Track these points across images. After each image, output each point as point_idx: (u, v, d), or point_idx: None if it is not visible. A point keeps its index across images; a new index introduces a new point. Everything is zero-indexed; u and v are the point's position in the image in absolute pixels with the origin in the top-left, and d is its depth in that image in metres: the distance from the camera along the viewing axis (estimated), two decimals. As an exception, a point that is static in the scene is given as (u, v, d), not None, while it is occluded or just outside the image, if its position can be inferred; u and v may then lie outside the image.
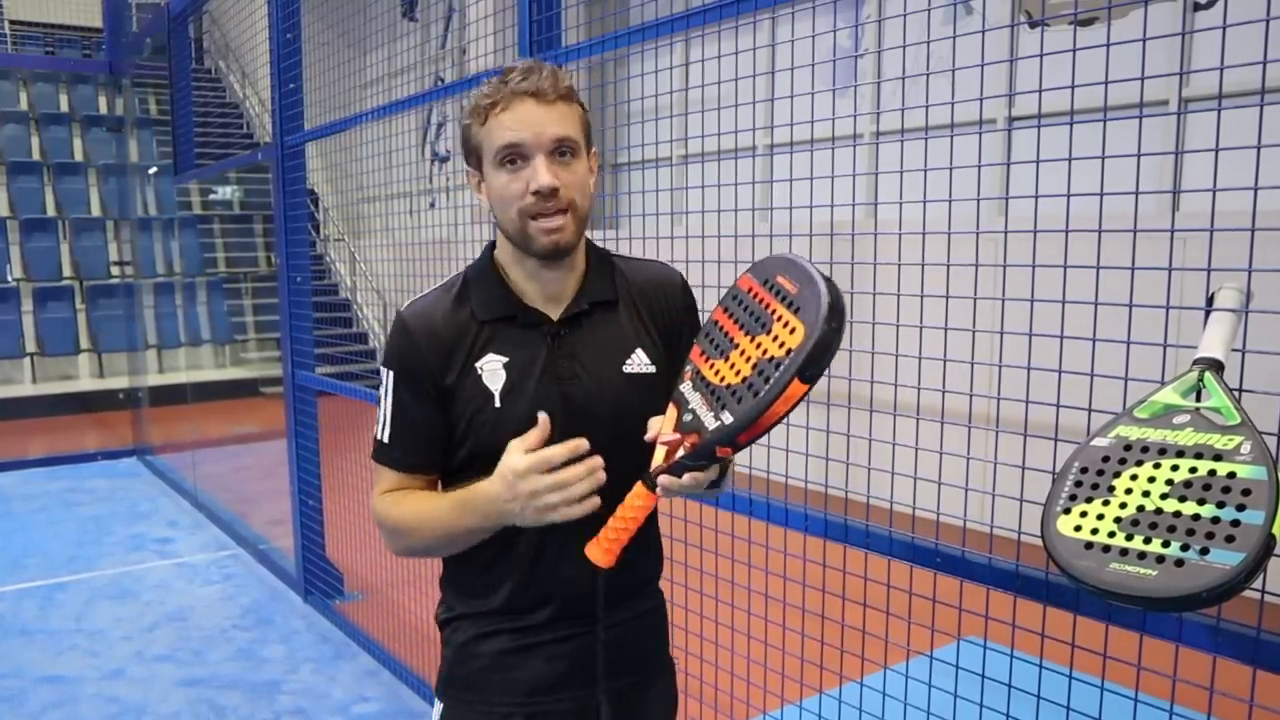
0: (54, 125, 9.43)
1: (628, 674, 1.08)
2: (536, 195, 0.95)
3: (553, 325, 1.03)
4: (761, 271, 0.93)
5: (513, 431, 0.98)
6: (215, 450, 5.49)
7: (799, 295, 0.86)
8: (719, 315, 0.94)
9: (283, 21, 3.24)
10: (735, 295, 0.94)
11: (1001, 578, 1.23)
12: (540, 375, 1.01)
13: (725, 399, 0.87)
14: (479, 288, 1.04)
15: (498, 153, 0.96)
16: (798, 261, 0.89)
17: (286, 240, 3.38)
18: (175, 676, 2.85)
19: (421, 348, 1.01)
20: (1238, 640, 1.01)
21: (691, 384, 0.92)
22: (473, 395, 1.00)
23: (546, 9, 1.99)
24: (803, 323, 0.84)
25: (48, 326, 7.95)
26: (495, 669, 1.05)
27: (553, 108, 0.96)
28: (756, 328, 0.88)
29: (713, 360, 0.91)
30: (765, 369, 0.85)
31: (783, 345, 0.84)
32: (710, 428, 0.87)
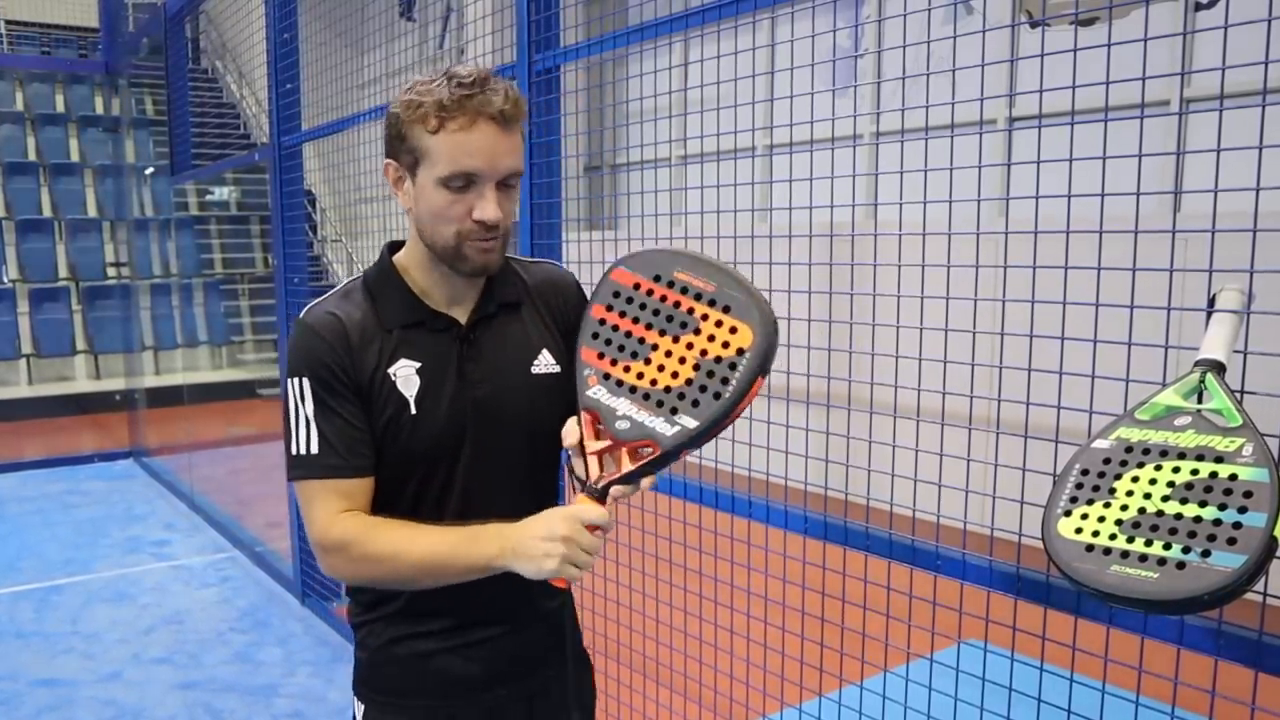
0: (50, 125, 9.40)
1: (541, 671, 1.09)
2: (479, 224, 0.94)
3: (462, 329, 1.02)
4: (649, 267, 0.92)
5: (428, 438, 0.98)
6: (212, 452, 5.47)
7: (720, 293, 0.88)
8: (604, 314, 0.93)
9: (280, 21, 3.23)
10: (619, 293, 0.93)
11: (1002, 580, 1.22)
12: (454, 380, 1.00)
13: (671, 402, 0.88)
14: (383, 294, 1.01)
15: (449, 175, 0.92)
16: (696, 256, 0.90)
17: (284, 241, 3.37)
18: (172, 679, 2.84)
19: (332, 347, 0.97)
20: (1239, 643, 1.01)
21: (605, 389, 0.91)
22: (387, 402, 0.98)
23: (545, 9, 1.98)
24: (746, 324, 0.87)
25: (43, 328, 7.93)
26: (411, 671, 1.05)
27: (510, 136, 0.94)
28: (676, 328, 0.89)
29: (623, 363, 0.90)
30: (716, 369, 0.86)
31: (727, 345, 0.87)
32: (667, 433, 0.87)
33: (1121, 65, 1.13)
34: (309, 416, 0.98)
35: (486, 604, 1.03)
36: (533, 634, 1.07)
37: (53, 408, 7.36)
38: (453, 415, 0.99)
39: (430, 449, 0.99)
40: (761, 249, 1.71)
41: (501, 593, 1.02)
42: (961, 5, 4.02)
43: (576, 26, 2.02)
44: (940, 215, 2.51)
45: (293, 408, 1.00)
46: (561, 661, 1.09)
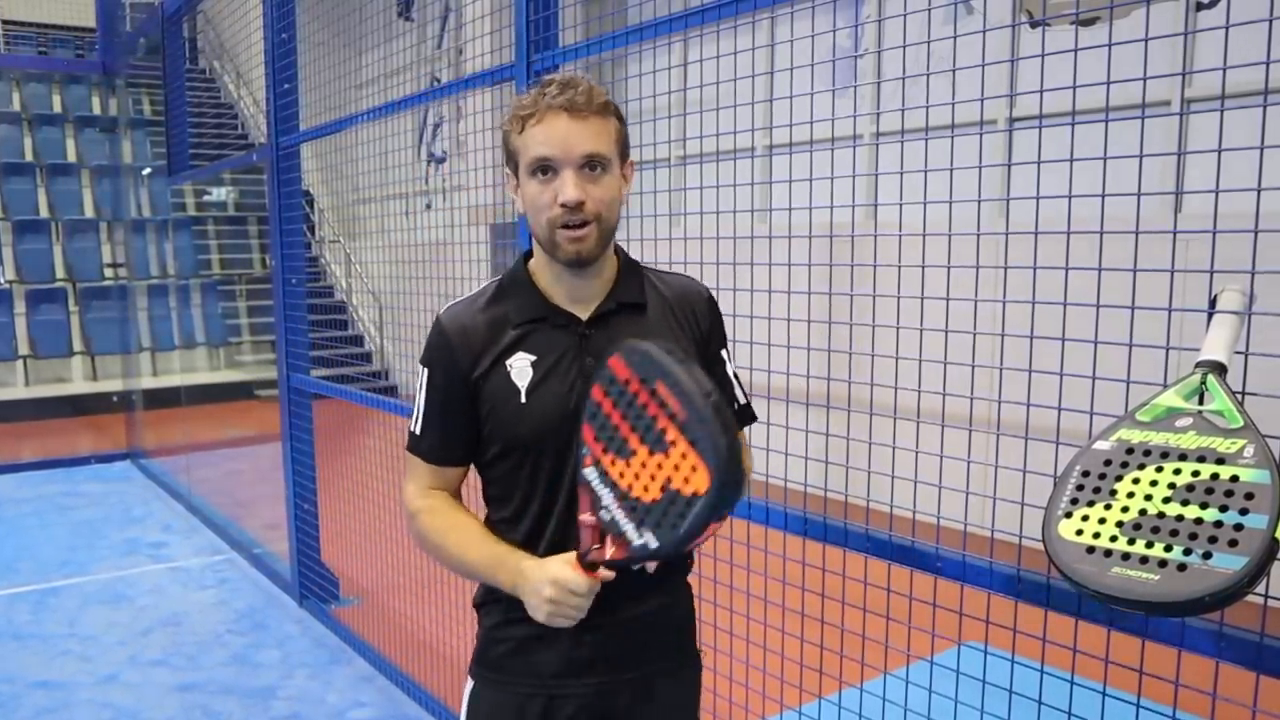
0: (47, 126, 9.39)
1: (648, 665, 1.12)
2: (563, 207, 1.01)
3: (582, 325, 1.08)
4: (640, 366, 0.93)
5: (537, 424, 1.05)
6: (210, 454, 5.46)
7: (689, 426, 0.88)
8: (601, 398, 0.97)
9: (278, 21, 3.22)
10: (614, 381, 0.96)
11: (1002, 582, 1.22)
12: (567, 373, 1.06)
13: (641, 514, 0.92)
14: (512, 292, 1.11)
15: (530, 163, 1.02)
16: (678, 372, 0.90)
17: (281, 242, 3.37)
18: (169, 682, 2.83)
19: (453, 344, 1.08)
20: (1241, 645, 1.00)
21: (596, 474, 0.96)
22: (499, 390, 1.06)
23: (544, 9, 1.98)
24: (705, 466, 0.87)
25: (40, 329, 7.91)
26: (520, 652, 1.10)
27: (586, 123, 1.01)
28: (653, 442, 0.91)
29: (613, 456, 0.94)
30: (675, 503, 0.89)
31: (687, 482, 0.88)
32: (635, 543, 0.92)
33: (1122, 65, 1.13)
34: (423, 403, 1.11)
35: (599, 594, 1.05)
36: (642, 627, 1.11)
37: (49, 409, 7.34)
38: (562, 405, 1.05)
39: (539, 437, 1.05)
40: (761, 250, 1.71)
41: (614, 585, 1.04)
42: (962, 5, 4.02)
43: (575, 26, 2.02)
44: (940, 216, 2.51)
45: (418, 388, 1.12)
46: (669, 657, 1.14)
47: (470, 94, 2.46)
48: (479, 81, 2.30)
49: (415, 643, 2.76)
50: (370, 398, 2.86)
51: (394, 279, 3.05)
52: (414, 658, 2.73)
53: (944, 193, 1.39)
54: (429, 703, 2.62)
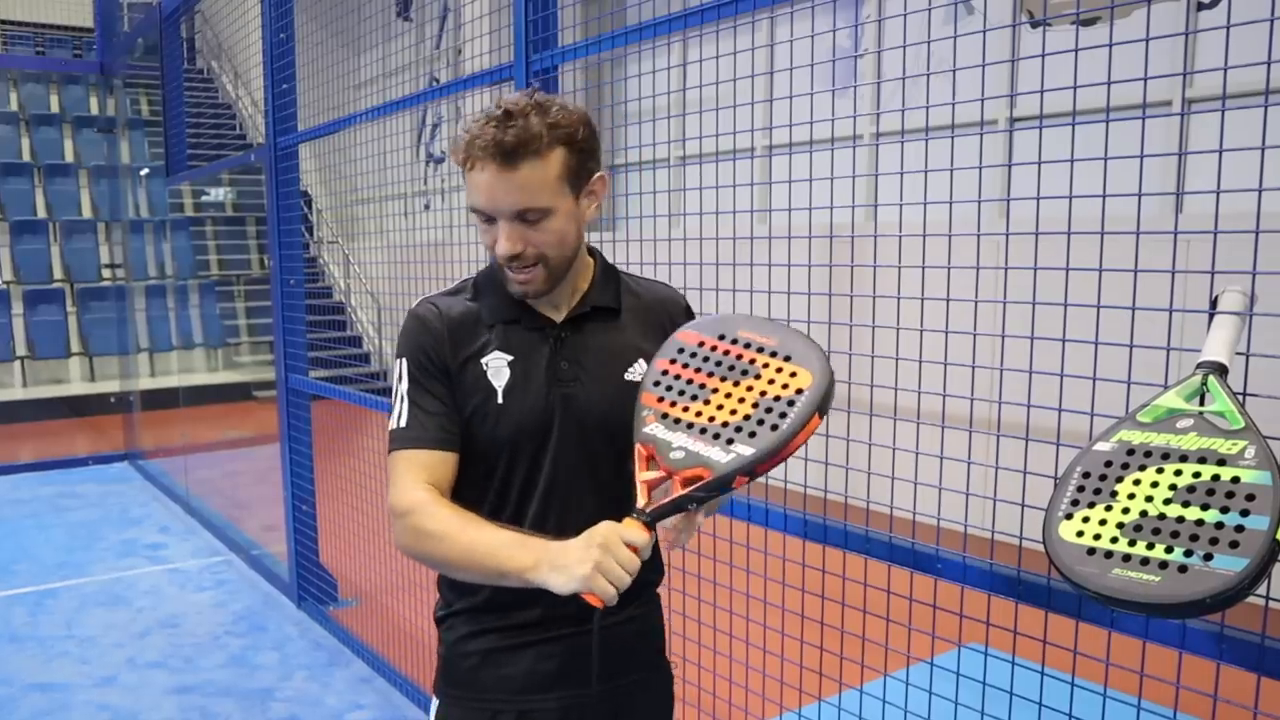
0: (44, 126, 9.37)
1: (619, 676, 1.09)
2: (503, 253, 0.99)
3: (556, 328, 1.06)
4: (715, 327, 0.99)
5: (513, 428, 1.02)
6: (208, 455, 5.45)
7: (782, 345, 0.96)
8: (668, 366, 0.98)
9: (276, 21, 3.22)
10: (684, 349, 0.99)
11: (1003, 584, 1.22)
12: (542, 375, 1.04)
13: (729, 435, 0.92)
14: (486, 291, 1.08)
15: (471, 208, 1.00)
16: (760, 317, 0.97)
17: (280, 243, 3.36)
18: (167, 684, 2.83)
19: (433, 332, 1.04)
20: (1242, 647, 1.00)
21: (663, 426, 0.95)
22: (476, 389, 1.03)
23: (542, 9, 1.97)
24: (806, 369, 0.93)
25: (38, 329, 7.89)
26: (486, 666, 1.06)
27: (514, 174, 0.95)
28: (737, 375, 0.95)
29: (683, 404, 0.96)
30: (775, 406, 0.92)
31: (787, 386, 0.92)
32: (722, 459, 0.90)
33: (1123, 65, 1.13)
34: (403, 394, 1.04)
35: (566, 602, 1.01)
36: (615, 636, 1.07)
37: (47, 410, 7.33)
38: (539, 408, 1.03)
39: (514, 438, 1.03)
40: (761, 250, 1.70)
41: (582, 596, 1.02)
42: (962, 5, 4.02)
43: (574, 26, 2.01)
44: (941, 216, 2.51)
45: (394, 386, 1.06)
46: (640, 668, 1.11)
47: (469, 94, 2.46)
48: (478, 81, 2.29)
49: (414, 644, 2.76)
50: (369, 399, 2.86)
51: (392, 280, 3.04)
52: (413, 659, 2.72)
53: (944, 193, 1.39)
54: (427, 704, 2.60)
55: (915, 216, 3.45)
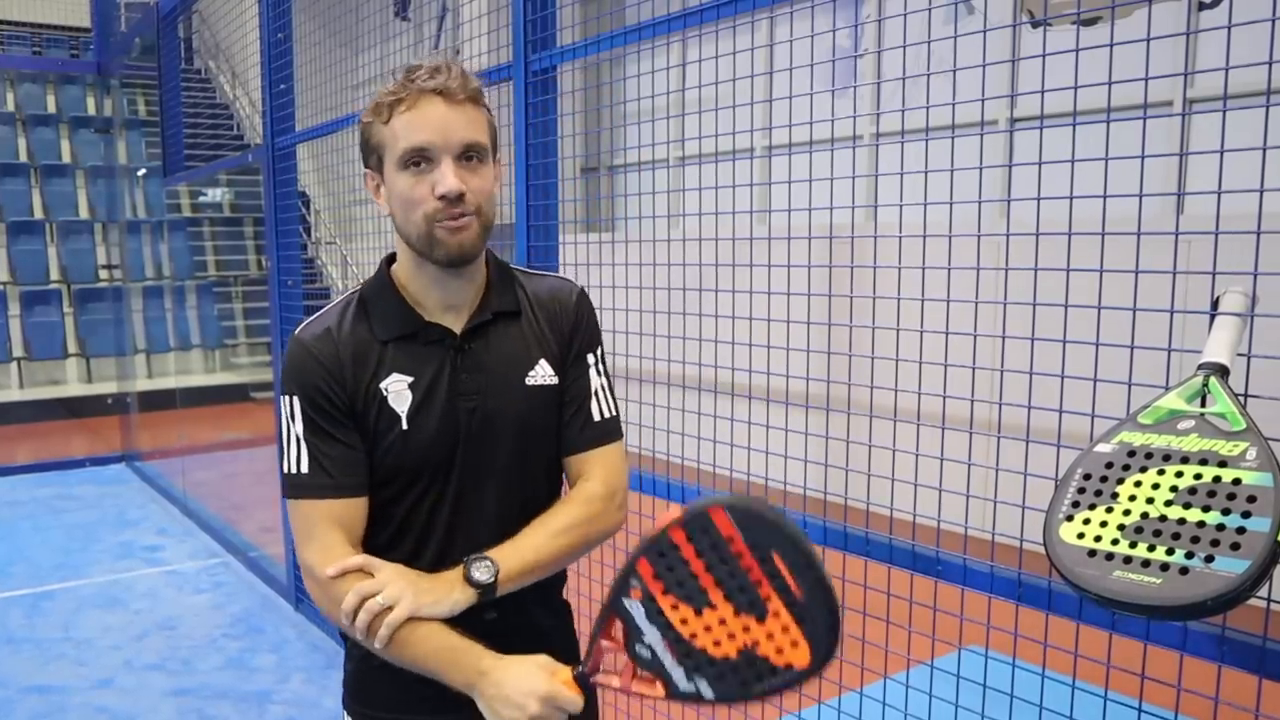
0: (41, 126, 9.35)
1: None
2: (443, 200, 0.93)
3: (455, 340, 1.00)
4: (751, 530, 0.86)
5: (419, 453, 0.97)
6: (205, 456, 5.43)
7: (804, 604, 0.84)
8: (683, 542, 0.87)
9: (273, 21, 3.21)
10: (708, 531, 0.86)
11: (1003, 586, 1.21)
12: (445, 393, 0.99)
13: (702, 666, 0.87)
14: (376, 306, 1.01)
15: (403, 154, 0.93)
16: (803, 546, 0.85)
17: (277, 243, 3.35)
18: (164, 686, 2.82)
19: (325, 366, 0.97)
20: (1243, 649, 1.00)
21: (645, 612, 0.88)
22: (379, 418, 0.97)
23: (541, 8, 1.97)
24: (808, 644, 0.84)
25: (35, 330, 7.87)
26: (393, 685, 1.01)
27: (461, 109, 0.94)
28: (744, 603, 0.85)
29: (674, 600, 0.87)
30: (756, 666, 0.85)
31: (781, 653, 0.84)
32: (680, 686, 0.87)
33: (1124, 65, 1.13)
34: (299, 435, 0.97)
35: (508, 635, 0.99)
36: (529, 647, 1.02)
37: (44, 411, 7.31)
38: (444, 429, 0.98)
39: (422, 463, 0.99)
40: (760, 251, 1.70)
41: (522, 625, 1.01)
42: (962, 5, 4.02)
43: (573, 26, 2.00)
44: (941, 217, 2.51)
45: (284, 425, 0.99)
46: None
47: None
48: (476, 82, 2.28)
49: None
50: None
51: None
52: (411, 661, 2.71)
53: (944, 194, 1.38)
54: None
55: (915, 217, 3.45)
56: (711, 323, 1.73)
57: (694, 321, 1.78)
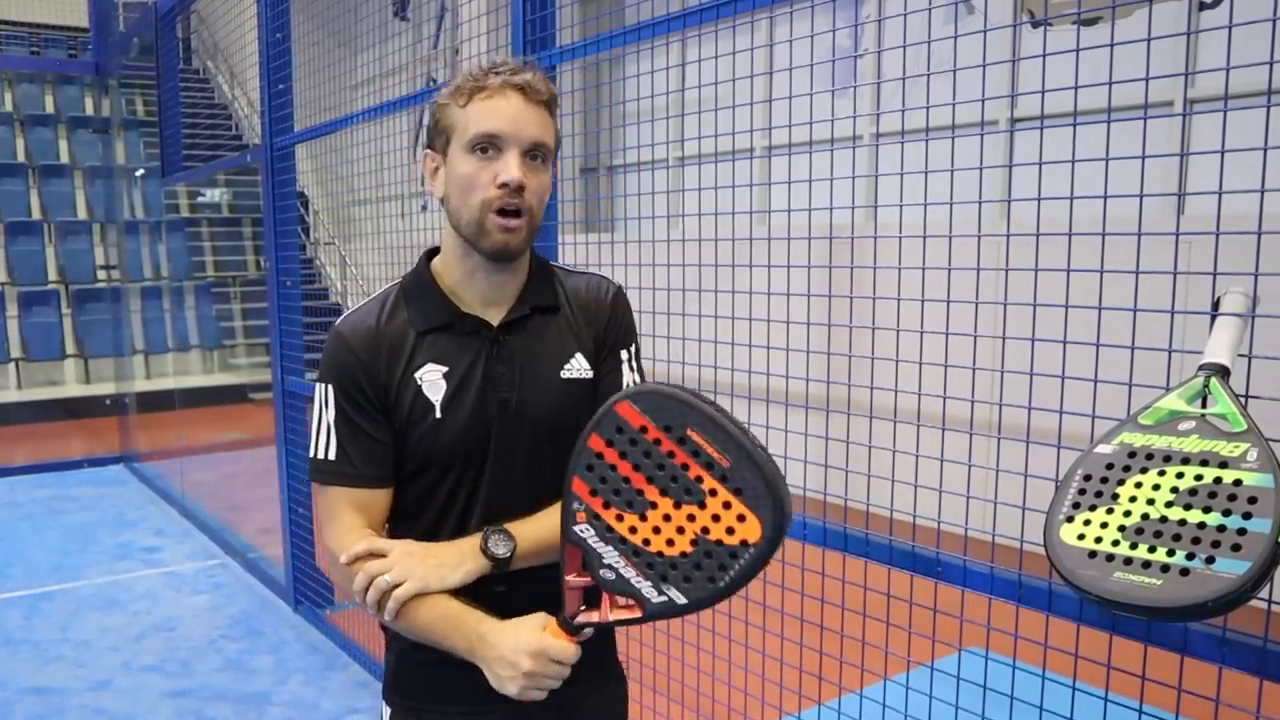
0: (39, 126, 9.33)
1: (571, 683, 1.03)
2: (503, 188, 0.95)
3: (492, 331, 1.02)
4: (660, 414, 0.84)
5: (453, 441, 0.99)
6: (203, 457, 5.42)
7: (734, 472, 0.82)
8: (603, 449, 0.86)
9: (272, 21, 3.21)
10: (623, 429, 0.85)
11: (1004, 587, 1.21)
12: (479, 384, 1.01)
13: (662, 569, 0.85)
14: (415, 298, 1.04)
15: (474, 138, 0.96)
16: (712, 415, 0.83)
17: (276, 244, 3.35)
18: (163, 688, 2.81)
19: (360, 358, 1.00)
20: (1244, 650, 1.00)
21: (594, 530, 0.87)
22: (413, 407, 1.00)
23: (540, 8, 1.97)
24: (756, 516, 0.82)
25: (33, 331, 7.86)
26: (435, 676, 1.04)
27: (536, 109, 0.98)
28: (680, 493, 0.84)
29: (616, 509, 0.86)
30: (715, 553, 0.83)
31: (733, 532, 0.83)
32: (653, 599, 0.86)
33: (1124, 65, 1.13)
34: (330, 423, 1.01)
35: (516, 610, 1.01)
36: None
37: (42, 412, 7.30)
38: (478, 419, 1.00)
39: (455, 452, 1.01)
40: (760, 251, 1.70)
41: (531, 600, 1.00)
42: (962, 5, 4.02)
43: (572, 26, 2.00)
44: (941, 217, 2.51)
45: (317, 411, 1.02)
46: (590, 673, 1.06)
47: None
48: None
49: (411, 647, 2.74)
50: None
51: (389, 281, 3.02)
52: (410, 662, 2.71)
53: (944, 194, 1.38)
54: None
55: (915, 217, 3.45)
56: (711, 323, 1.73)
57: (693, 322, 1.77)
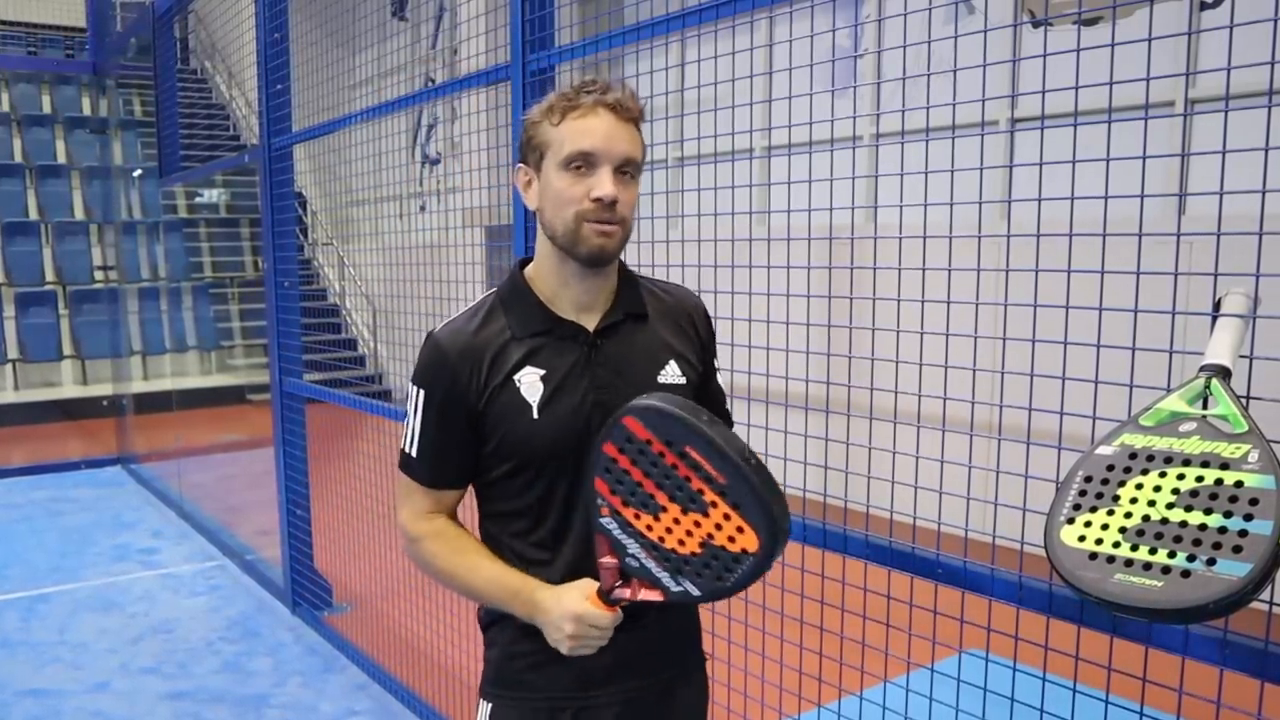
0: (36, 127, 9.33)
1: (670, 668, 1.13)
2: (597, 203, 1.00)
3: (589, 336, 1.06)
4: (662, 429, 0.91)
5: (551, 441, 1.03)
6: (201, 459, 5.42)
7: (731, 488, 0.89)
8: (616, 454, 0.94)
9: (270, 21, 3.20)
10: (631, 440, 0.93)
11: (1004, 589, 1.21)
12: (578, 385, 1.05)
13: (678, 565, 0.94)
14: (512, 306, 1.08)
15: (568, 156, 1.00)
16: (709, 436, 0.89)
17: (274, 244, 3.34)
18: (160, 690, 2.81)
19: (454, 365, 1.04)
20: (1245, 653, 1.00)
21: (616, 524, 0.95)
22: (509, 409, 1.04)
23: (539, 8, 1.96)
24: (752, 529, 0.89)
25: (30, 332, 7.85)
26: (542, 665, 1.07)
27: (627, 126, 1.02)
28: (685, 501, 0.91)
29: (634, 509, 0.94)
30: (720, 557, 0.91)
31: (734, 541, 0.90)
32: (672, 588, 0.95)
33: (1125, 65, 1.12)
34: (418, 423, 1.07)
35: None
36: (660, 629, 1.10)
37: (39, 413, 7.29)
38: (576, 419, 1.04)
39: (552, 452, 1.04)
40: (760, 252, 1.69)
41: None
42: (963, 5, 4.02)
43: (571, 26, 2.00)
44: (941, 218, 2.50)
45: (410, 408, 1.09)
46: (682, 662, 1.13)
47: (465, 94, 2.44)
48: (474, 82, 2.28)
49: (409, 650, 2.74)
50: (364, 402, 2.84)
51: (388, 282, 3.02)
52: (408, 665, 2.71)
53: (945, 194, 1.38)
54: (423, 710, 2.59)
55: (915, 218, 3.45)
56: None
57: (692, 323, 1.76)
